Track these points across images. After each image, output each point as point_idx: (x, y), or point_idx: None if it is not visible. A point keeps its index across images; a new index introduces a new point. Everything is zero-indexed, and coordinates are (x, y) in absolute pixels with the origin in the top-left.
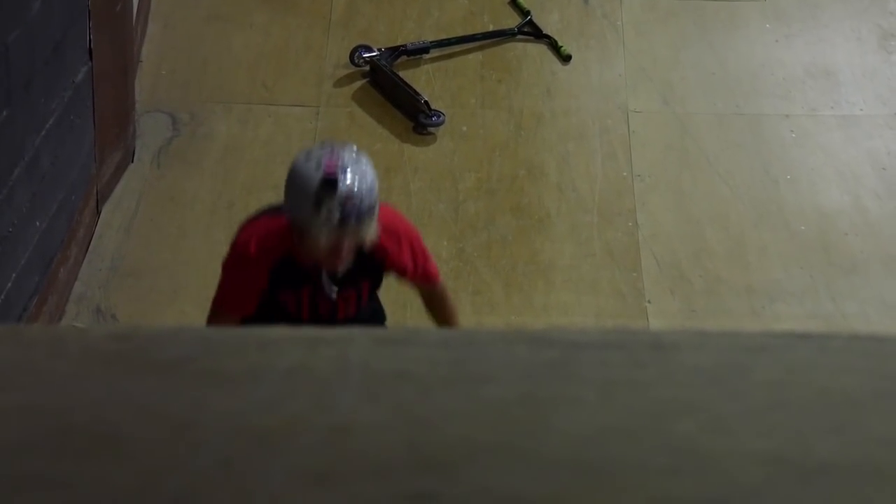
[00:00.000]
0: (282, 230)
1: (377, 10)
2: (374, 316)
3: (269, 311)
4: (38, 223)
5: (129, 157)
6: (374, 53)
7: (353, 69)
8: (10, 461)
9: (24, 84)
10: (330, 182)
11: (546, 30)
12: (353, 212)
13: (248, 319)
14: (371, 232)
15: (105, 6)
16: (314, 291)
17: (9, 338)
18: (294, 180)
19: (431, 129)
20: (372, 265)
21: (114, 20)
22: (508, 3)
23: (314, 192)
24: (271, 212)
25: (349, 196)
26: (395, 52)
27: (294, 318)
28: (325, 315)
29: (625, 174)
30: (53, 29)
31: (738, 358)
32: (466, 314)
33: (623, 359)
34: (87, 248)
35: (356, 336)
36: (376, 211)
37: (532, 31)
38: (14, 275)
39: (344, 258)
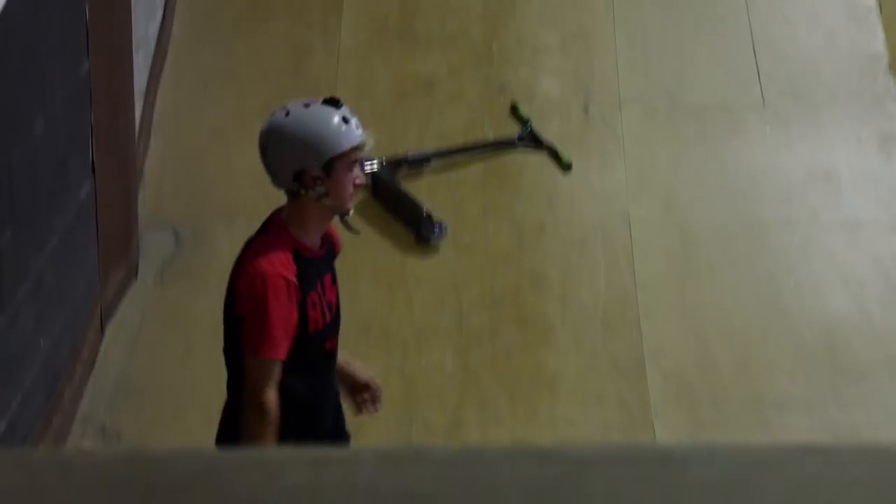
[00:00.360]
0: (274, 242)
1: (378, 120)
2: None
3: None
4: (42, 343)
5: (133, 274)
6: (374, 165)
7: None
8: None
9: (27, 202)
10: (333, 98)
11: (546, 139)
12: None
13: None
14: None
15: (107, 123)
16: (324, 279)
17: (15, 462)
18: (299, 128)
19: (434, 241)
20: (332, 246)
21: (116, 137)
22: (509, 112)
23: (329, 113)
24: (253, 244)
25: None
26: (396, 163)
27: (316, 337)
28: (334, 303)
29: (628, 284)
30: (56, 146)
31: (747, 473)
32: (471, 427)
33: (631, 475)
34: (92, 367)
35: (362, 455)
36: None
37: (532, 141)
38: (20, 395)
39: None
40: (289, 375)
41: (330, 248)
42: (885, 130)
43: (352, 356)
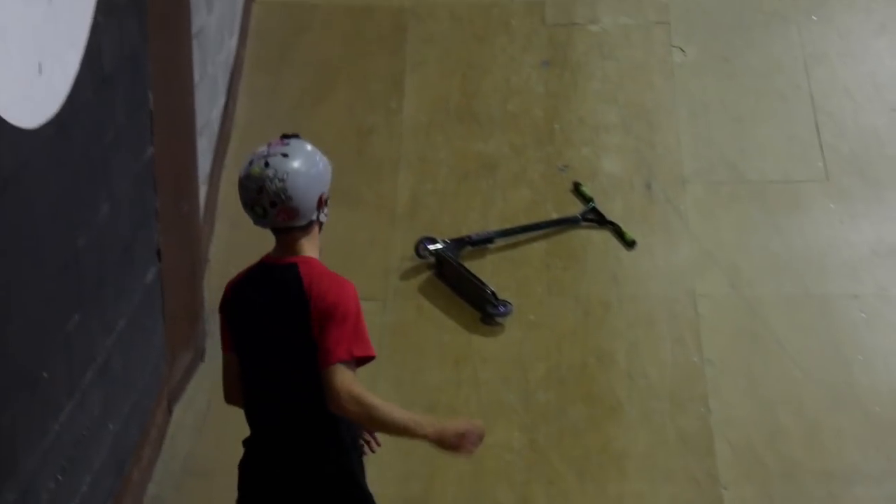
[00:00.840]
0: (321, 267)
1: (441, 202)
2: None
3: None
4: (111, 425)
5: (199, 356)
6: (438, 245)
7: (418, 261)
8: None
9: (94, 287)
10: (289, 133)
11: (610, 216)
12: None
13: None
14: None
15: (172, 207)
16: None
17: None
18: (308, 161)
19: (499, 320)
20: None
21: (181, 221)
22: (571, 191)
23: (305, 142)
24: (303, 274)
25: None
26: (460, 242)
27: None
28: None
29: (695, 359)
30: (122, 231)
31: None
32: None
33: None
34: (160, 448)
35: None
36: None
37: (596, 218)
38: (89, 478)
39: None
40: None
41: None
42: None
43: None
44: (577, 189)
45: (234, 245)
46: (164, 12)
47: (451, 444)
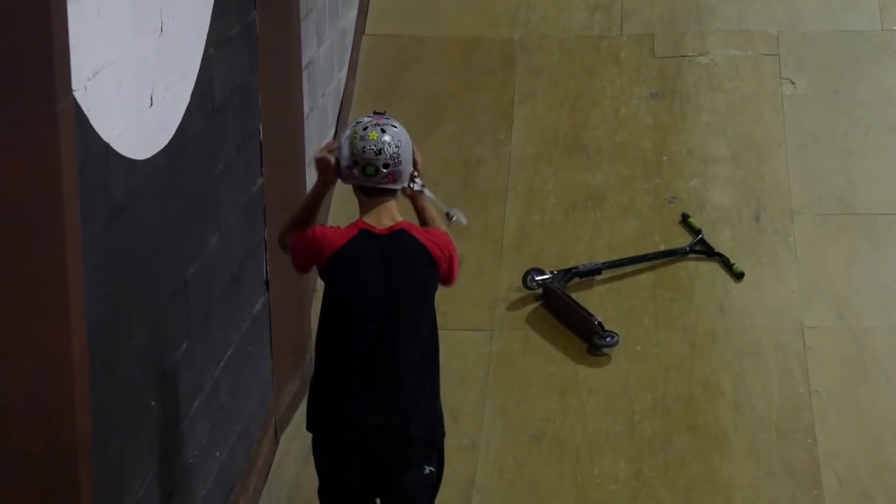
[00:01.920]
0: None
1: (548, 233)
2: None
3: None
4: (217, 454)
5: (307, 385)
6: (546, 276)
7: (525, 292)
8: None
9: (202, 317)
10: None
11: (718, 248)
12: None
13: None
14: None
15: None
16: None
17: None
18: (407, 135)
19: (606, 350)
20: None
21: None
22: (679, 222)
23: None
24: (414, 233)
25: None
26: (567, 274)
27: None
28: None
29: (802, 391)
30: (231, 261)
31: None
32: None
33: None
34: (266, 477)
35: None
36: None
37: (704, 250)
38: None
39: None
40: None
41: None
42: None
43: None
44: (685, 220)
45: None
46: (274, 44)
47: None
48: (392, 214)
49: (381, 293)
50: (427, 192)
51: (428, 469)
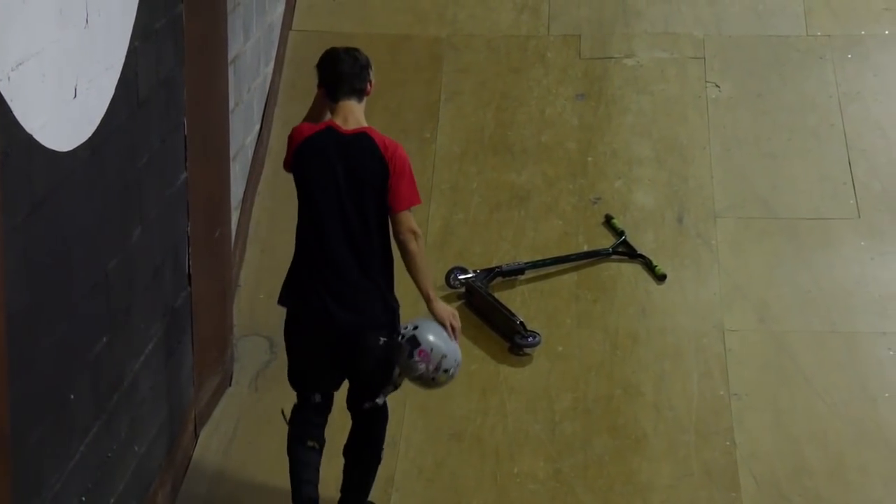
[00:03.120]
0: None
1: (472, 232)
2: None
3: None
4: (136, 448)
5: (227, 380)
6: (469, 275)
7: (448, 291)
8: None
9: (123, 310)
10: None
11: (640, 249)
12: None
13: None
14: None
15: (203, 233)
16: None
17: None
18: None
19: (527, 350)
20: None
21: (212, 246)
22: (603, 223)
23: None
24: (372, 134)
25: None
26: (490, 273)
27: None
28: None
29: (721, 393)
30: (153, 255)
31: None
32: None
33: None
34: (185, 472)
35: None
36: None
37: (627, 251)
38: (112, 500)
39: None
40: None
41: None
42: None
43: None
44: (608, 222)
45: (264, 270)
46: (200, 38)
47: (440, 317)
48: (357, 118)
49: (336, 183)
50: None
51: (381, 340)
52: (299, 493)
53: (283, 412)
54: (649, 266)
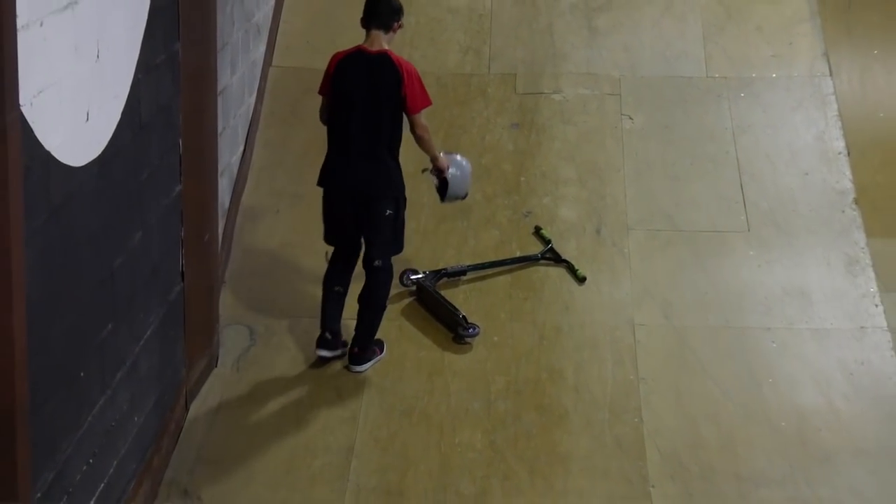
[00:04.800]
0: (398, 56)
1: (422, 239)
2: None
3: None
4: (136, 419)
5: (214, 362)
6: (419, 276)
7: (401, 289)
8: None
9: (126, 301)
10: None
11: (564, 255)
12: None
13: None
14: None
15: (195, 236)
16: None
17: None
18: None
19: (468, 340)
20: None
21: (202, 248)
22: (533, 233)
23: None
24: (391, 56)
25: None
26: (438, 274)
27: None
28: None
29: (631, 378)
30: (152, 255)
31: None
32: (497, 498)
33: None
34: (177, 439)
35: None
36: None
37: (553, 257)
38: (115, 462)
39: None
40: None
41: None
42: (851, 255)
43: None
44: (537, 232)
45: (246, 269)
46: (194, 72)
47: (438, 166)
48: (380, 44)
49: (363, 90)
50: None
51: (388, 211)
52: (324, 320)
53: (326, 254)
54: (572, 270)
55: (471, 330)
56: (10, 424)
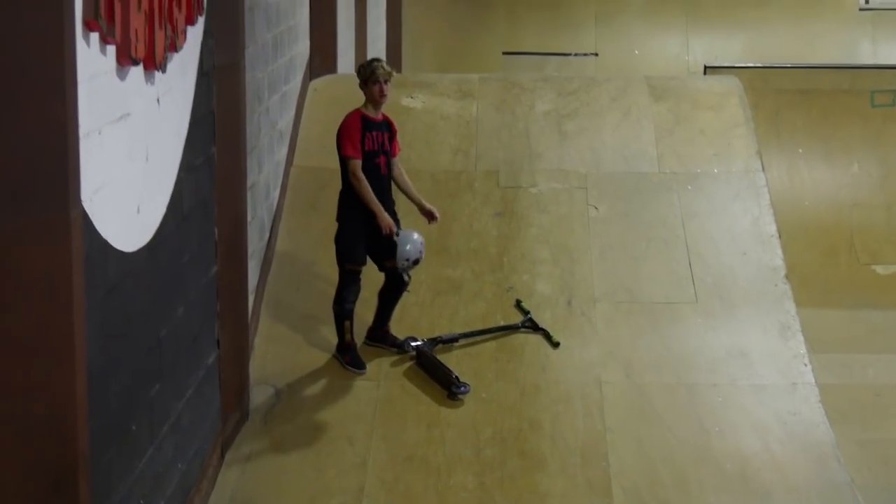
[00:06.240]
0: (353, 112)
1: (420, 311)
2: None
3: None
4: (179, 465)
5: (245, 417)
6: (418, 342)
7: (403, 354)
8: None
9: (171, 365)
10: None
11: (541, 324)
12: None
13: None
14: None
15: (228, 309)
16: (375, 132)
17: None
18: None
19: (460, 397)
20: (388, 125)
21: (235, 319)
22: (514, 305)
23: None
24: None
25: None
26: (434, 341)
27: (371, 156)
28: (383, 143)
29: (599, 427)
30: (192, 326)
31: None
32: None
33: None
34: (214, 483)
35: None
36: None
37: (531, 326)
38: (163, 502)
39: (387, 97)
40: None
41: (386, 124)
42: (783, 321)
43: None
44: (518, 304)
45: (273, 337)
46: (227, 171)
47: (380, 225)
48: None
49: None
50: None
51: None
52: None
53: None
54: (548, 336)
55: (462, 388)
56: (73, 475)
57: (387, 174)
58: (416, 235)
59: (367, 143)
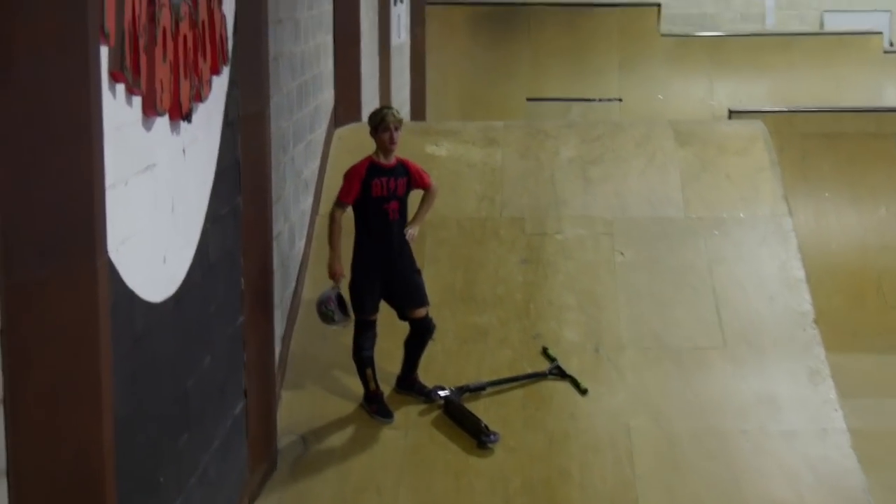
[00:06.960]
0: (362, 160)
1: (447, 359)
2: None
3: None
4: None
5: (273, 467)
6: (446, 391)
7: (431, 403)
8: None
9: (198, 416)
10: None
11: (569, 371)
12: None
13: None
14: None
15: (255, 359)
16: (385, 178)
17: None
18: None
19: (489, 445)
20: (403, 169)
21: (262, 369)
22: (541, 353)
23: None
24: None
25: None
26: (461, 389)
27: (379, 202)
28: (394, 190)
29: (629, 475)
30: (219, 376)
31: None
32: None
33: None
34: None
35: None
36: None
37: (559, 373)
38: None
39: (396, 144)
40: (362, 218)
41: (401, 168)
42: (812, 367)
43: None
44: (545, 352)
45: (299, 387)
46: (253, 221)
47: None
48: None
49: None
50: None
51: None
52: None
53: None
54: (575, 384)
55: (492, 437)
56: None
57: (397, 220)
58: (335, 291)
59: (376, 189)
